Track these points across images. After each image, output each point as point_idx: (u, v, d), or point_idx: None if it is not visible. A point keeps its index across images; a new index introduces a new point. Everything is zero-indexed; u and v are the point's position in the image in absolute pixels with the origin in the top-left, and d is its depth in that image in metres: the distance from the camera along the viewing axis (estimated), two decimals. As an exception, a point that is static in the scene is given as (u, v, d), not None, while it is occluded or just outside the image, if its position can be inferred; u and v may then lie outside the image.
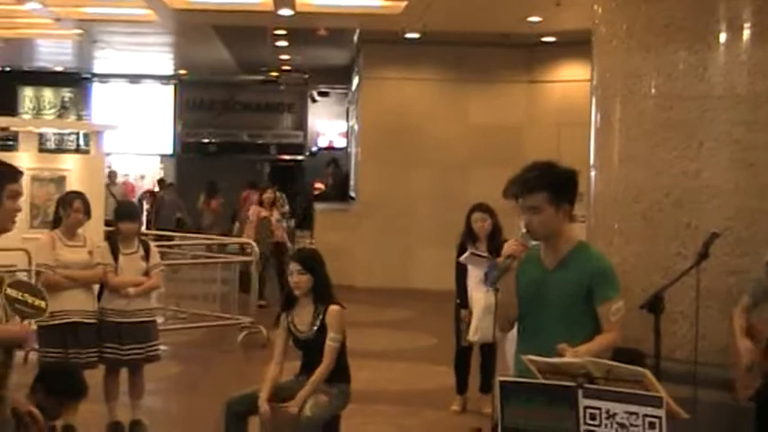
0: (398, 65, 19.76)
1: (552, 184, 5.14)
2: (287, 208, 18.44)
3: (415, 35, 18.84)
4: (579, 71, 16.40)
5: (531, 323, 5.21)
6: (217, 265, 15.12)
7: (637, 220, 7.86)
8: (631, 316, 5.36)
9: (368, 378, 10.21)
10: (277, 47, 22.67)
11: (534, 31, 18.09)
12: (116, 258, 8.67)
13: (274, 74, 29.35)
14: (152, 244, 9.45)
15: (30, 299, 5.02)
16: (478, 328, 9.15)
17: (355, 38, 20.69)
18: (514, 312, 5.25)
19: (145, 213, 22.98)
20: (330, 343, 7.00)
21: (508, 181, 5.36)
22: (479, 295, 9.11)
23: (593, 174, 8.36)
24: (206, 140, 32.03)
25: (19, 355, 5.02)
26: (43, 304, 5.06)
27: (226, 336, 13.51)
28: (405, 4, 15.66)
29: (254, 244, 14.67)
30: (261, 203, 16.38)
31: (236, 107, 32.05)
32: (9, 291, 4.82)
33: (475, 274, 9.43)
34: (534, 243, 5.26)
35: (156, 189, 27.86)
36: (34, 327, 5.06)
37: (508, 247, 5.18)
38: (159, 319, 10.59)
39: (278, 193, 17.27)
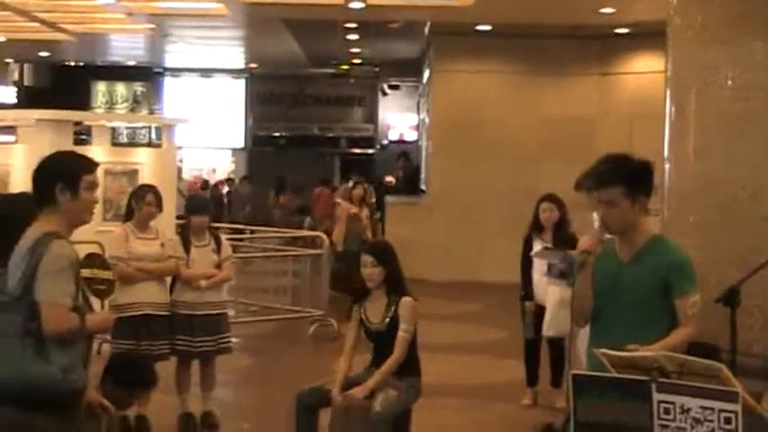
0: (470, 57, 19.67)
1: (627, 176, 5.06)
2: (374, 199, 18.26)
3: (487, 27, 18.76)
4: (653, 63, 16.20)
5: (606, 317, 5.14)
6: (288, 258, 15.15)
7: (712, 213, 7.75)
8: (707, 309, 5.28)
9: (437, 371, 10.15)
10: (348, 40, 22.68)
11: (607, 22, 17.92)
12: (188, 251, 8.71)
13: (345, 67, 29.40)
14: (223, 237, 9.49)
15: (99, 273, 5.09)
16: (552, 323, 9.07)
17: (426, 30, 20.65)
18: (590, 306, 5.18)
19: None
20: (402, 334, 6.98)
21: (581, 174, 5.29)
22: (554, 289, 9.04)
23: (667, 166, 8.25)
24: (277, 134, 32.19)
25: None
26: (111, 274, 5.14)
27: (296, 328, 13.56)
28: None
29: (324, 237, 14.70)
30: (350, 200, 16.01)
31: (306, 100, 32.18)
32: (83, 272, 4.88)
33: (540, 267, 9.38)
34: (609, 237, 5.20)
35: (225, 184, 28.10)
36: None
37: (584, 243, 5.12)
38: (230, 312, 10.64)
39: (365, 185, 17.01)
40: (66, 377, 4.53)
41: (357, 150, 32.13)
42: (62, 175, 4.69)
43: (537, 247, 9.37)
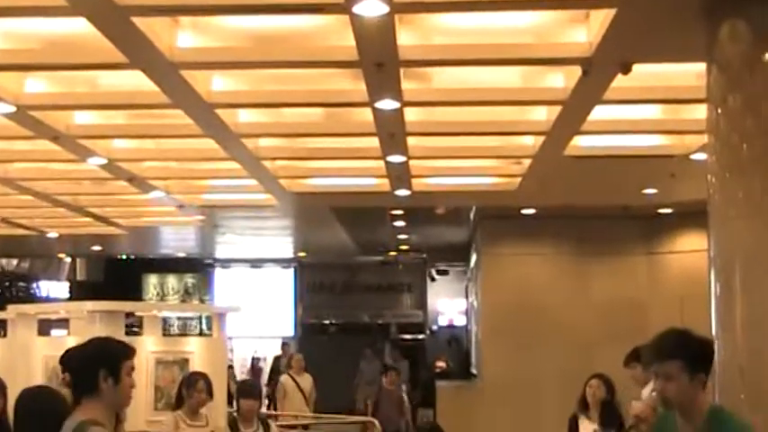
0: (517, 240, 19.80)
1: (687, 351, 5.06)
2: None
3: (532, 210, 18.90)
4: (698, 242, 16.19)
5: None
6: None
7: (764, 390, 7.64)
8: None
9: None
10: (395, 227, 22.89)
11: (651, 202, 18.01)
12: (236, 438, 8.70)
13: (393, 254, 29.62)
14: (273, 423, 9.47)
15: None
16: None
17: (472, 215, 20.83)
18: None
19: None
20: None
21: (634, 348, 5.30)
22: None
23: (716, 344, 8.16)
24: (327, 322, 32.26)
25: None
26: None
27: None
28: (519, 180, 15.72)
29: (376, 423, 14.64)
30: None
31: (355, 288, 32.30)
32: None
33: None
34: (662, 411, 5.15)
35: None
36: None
37: (636, 408, 5.11)
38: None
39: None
40: None
41: (407, 336, 32.06)
42: (104, 360, 4.73)
43: (583, 426, 9.27)
